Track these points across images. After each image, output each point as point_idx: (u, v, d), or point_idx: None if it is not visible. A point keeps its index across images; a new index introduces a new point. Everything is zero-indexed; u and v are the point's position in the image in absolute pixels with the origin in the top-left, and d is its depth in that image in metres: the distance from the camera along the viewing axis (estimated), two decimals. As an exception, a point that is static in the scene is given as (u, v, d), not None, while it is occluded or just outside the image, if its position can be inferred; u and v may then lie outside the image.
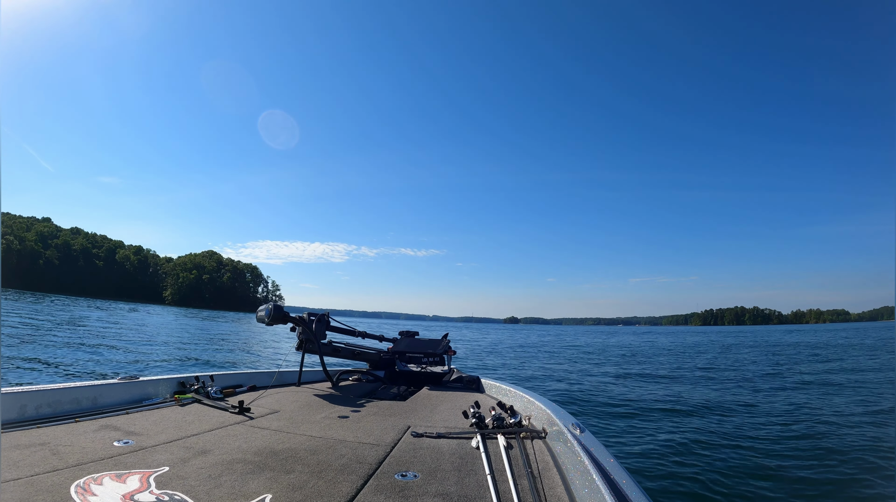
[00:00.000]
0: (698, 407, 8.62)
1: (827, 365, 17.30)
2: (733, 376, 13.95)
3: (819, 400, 9.52)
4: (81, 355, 12.23)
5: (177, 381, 3.05)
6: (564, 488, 1.61)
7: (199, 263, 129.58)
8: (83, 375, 9.43)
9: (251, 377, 3.57)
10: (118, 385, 2.69)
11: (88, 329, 21.00)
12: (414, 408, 2.98)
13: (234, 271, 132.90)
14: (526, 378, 13.21)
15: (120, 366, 11.11)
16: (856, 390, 10.85)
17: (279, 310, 3.35)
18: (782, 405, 8.90)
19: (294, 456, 1.87)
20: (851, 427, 7.02)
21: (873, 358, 19.94)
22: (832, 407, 8.60)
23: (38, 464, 1.63)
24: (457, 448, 2.07)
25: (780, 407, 8.73)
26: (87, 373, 9.79)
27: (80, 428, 2.14)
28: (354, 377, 4.19)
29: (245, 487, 1.53)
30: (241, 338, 25.29)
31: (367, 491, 1.54)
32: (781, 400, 9.51)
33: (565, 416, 2.23)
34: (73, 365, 10.48)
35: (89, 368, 10.32)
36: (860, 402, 9.17)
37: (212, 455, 1.84)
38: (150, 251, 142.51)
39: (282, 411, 2.74)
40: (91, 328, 21.61)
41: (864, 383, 12.09)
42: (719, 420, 7.60)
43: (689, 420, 7.64)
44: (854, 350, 25.06)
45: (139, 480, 1.54)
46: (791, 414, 8.08)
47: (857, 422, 7.35)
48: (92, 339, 16.63)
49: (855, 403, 9.05)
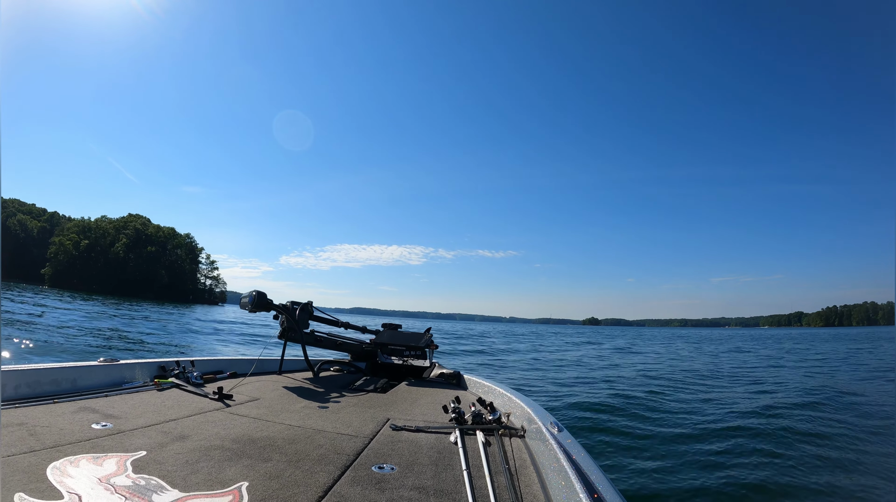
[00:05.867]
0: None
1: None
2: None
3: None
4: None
5: (157, 365, 3.03)
6: (540, 485, 1.63)
7: (105, 229, 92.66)
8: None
9: (232, 363, 3.55)
10: (98, 367, 2.66)
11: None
12: (394, 401, 3.00)
13: (154, 242, 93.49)
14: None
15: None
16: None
17: (262, 298, 3.33)
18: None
19: (272, 445, 1.87)
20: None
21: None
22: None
23: (14, 445, 1.63)
24: (435, 442, 2.09)
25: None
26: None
27: (59, 409, 2.13)
28: (336, 368, 4.18)
29: (222, 474, 1.53)
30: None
31: (343, 482, 1.55)
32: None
33: (544, 415, 2.25)
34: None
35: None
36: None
37: (190, 440, 1.85)
38: (59, 215, 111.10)
39: (262, 399, 2.74)
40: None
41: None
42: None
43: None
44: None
45: (116, 464, 1.55)
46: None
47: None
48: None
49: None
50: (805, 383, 12.02)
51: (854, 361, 19.53)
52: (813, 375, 14.17)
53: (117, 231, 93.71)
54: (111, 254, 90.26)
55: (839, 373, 14.76)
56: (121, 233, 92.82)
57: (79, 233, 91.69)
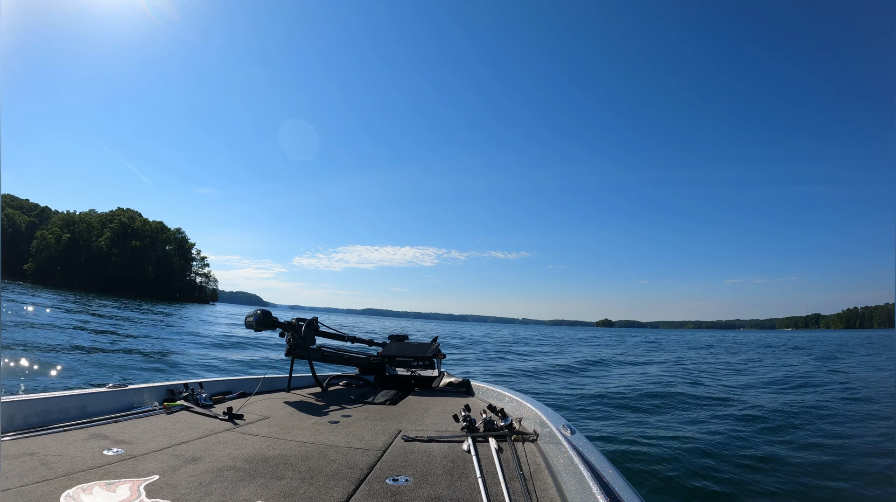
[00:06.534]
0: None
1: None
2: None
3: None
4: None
5: (166, 389, 3.03)
6: (556, 490, 1.62)
7: (90, 223, 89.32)
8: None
9: (240, 383, 3.55)
10: (107, 393, 2.66)
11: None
12: (404, 413, 2.99)
13: (140, 237, 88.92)
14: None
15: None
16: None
17: (267, 316, 3.31)
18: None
19: (285, 463, 1.87)
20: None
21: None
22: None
23: (27, 475, 1.62)
24: (448, 451, 2.08)
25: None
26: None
27: (69, 437, 2.12)
28: (344, 382, 4.18)
29: (236, 494, 1.53)
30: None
31: (358, 497, 1.55)
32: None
33: (556, 418, 2.24)
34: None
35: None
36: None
37: (202, 462, 1.84)
38: (50, 209, 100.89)
39: (272, 417, 2.74)
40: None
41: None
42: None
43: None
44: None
45: (129, 489, 1.54)
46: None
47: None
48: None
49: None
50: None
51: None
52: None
53: (103, 225, 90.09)
54: (94, 248, 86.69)
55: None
56: (106, 227, 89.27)
57: (62, 227, 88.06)
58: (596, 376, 14.75)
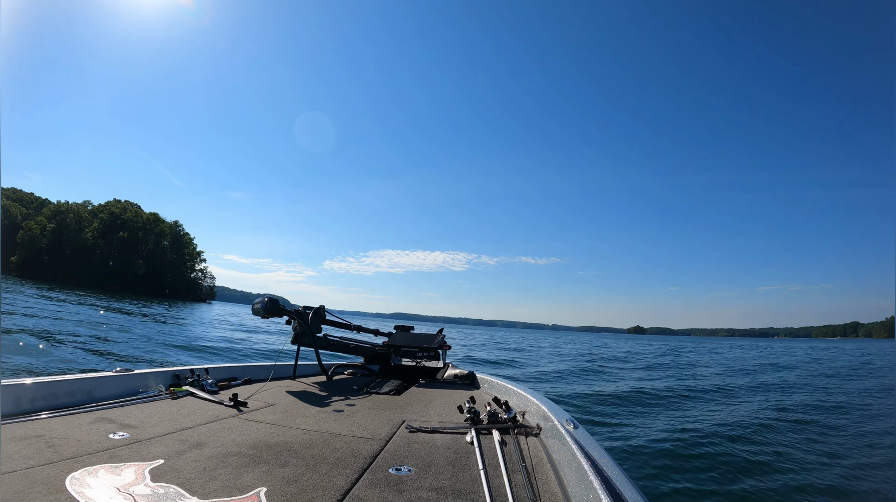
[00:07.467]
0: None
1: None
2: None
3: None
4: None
5: (172, 374, 3.05)
6: (558, 483, 1.62)
7: (79, 213, 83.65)
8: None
9: (246, 370, 3.57)
10: (113, 377, 2.68)
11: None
12: (409, 403, 3.00)
13: (130, 228, 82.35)
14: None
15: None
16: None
17: (274, 304, 3.33)
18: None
19: (289, 450, 1.88)
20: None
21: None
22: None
23: (33, 457, 1.63)
24: (451, 442, 2.08)
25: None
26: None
27: (76, 420, 2.14)
28: (349, 371, 4.19)
29: (240, 480, 1.54)
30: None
31: (361, 485, 1.55)
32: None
33: (560, 412, 2.24)
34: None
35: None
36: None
37: (207, 448, 1.85)
38: (51, 202, 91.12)
39: (277, 404, 2.75)
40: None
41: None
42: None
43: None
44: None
45: (134, 473, 1.55)
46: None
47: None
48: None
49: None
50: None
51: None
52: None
53: (93, 215, 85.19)
54: (79, 240, 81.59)
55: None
56: (95, 218, 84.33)
57: (49, 218, 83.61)
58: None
